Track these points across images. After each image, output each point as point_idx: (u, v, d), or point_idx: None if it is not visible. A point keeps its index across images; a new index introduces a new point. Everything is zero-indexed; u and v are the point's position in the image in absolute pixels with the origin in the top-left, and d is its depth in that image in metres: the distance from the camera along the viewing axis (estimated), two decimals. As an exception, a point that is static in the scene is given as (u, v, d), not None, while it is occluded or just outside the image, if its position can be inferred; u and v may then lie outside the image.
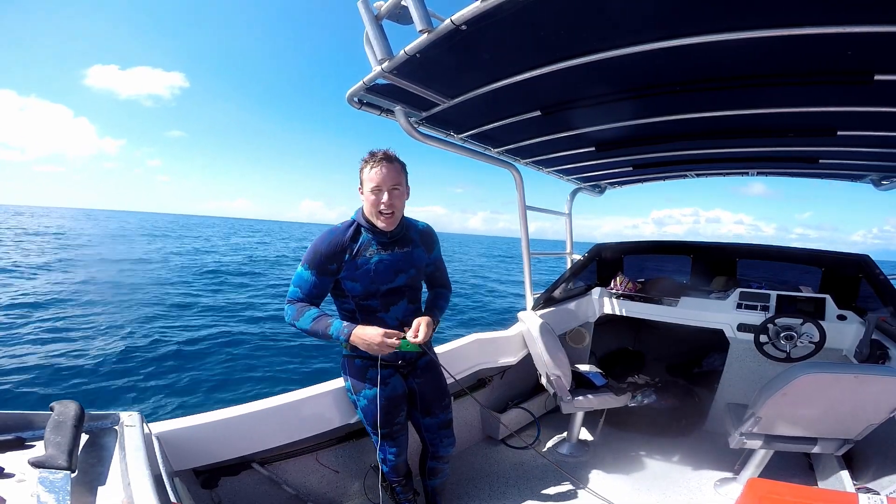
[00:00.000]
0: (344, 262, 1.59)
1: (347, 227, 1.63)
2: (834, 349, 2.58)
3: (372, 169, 1.55)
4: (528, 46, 1.35)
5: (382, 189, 1.54)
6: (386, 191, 1.55)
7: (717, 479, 2.29)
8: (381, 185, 1.54)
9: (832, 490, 1.87)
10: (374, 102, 1.84)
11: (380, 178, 1.53)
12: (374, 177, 1.54)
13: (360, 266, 1.60)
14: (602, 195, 3.90)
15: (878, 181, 2.80)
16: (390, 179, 1.55)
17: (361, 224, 1.63)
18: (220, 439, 1.58)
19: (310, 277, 1.58)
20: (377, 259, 1.61)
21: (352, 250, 1.59)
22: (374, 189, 1.54)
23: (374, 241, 1.62)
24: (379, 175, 1.53)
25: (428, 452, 1.87)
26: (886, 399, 1.64)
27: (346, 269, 1.59)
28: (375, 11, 1.28)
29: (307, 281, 1.58)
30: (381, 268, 1.62)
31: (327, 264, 1.58)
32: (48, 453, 0.83)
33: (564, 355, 2.41)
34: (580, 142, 2.43)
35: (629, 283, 3.39)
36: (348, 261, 1.59)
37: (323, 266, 1.57)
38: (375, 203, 1.56)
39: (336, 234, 1.60)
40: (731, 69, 1.43)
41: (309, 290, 1.59)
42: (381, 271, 1.62)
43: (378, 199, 1.55)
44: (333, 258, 1.58)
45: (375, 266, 1.61)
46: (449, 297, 1.90)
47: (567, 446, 2.60)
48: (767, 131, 2.06)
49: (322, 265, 1.57)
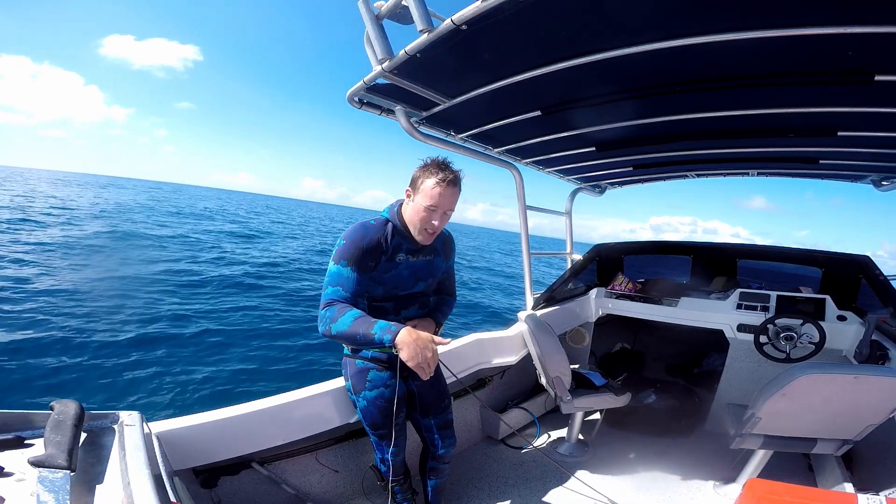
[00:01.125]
0: (380, 262, 1.54)
1: (383, 224, 1.57)
2: (834, 350, 2.58)
3: (437, 187, 1.47)
4: (528, 46, 1.35)
5: (438, 210, 1.50)
6: (440, 213, 1.51)
7: (716, 480, 2.29)
8: (439, 206, 1.49)
9: (832, 491, 1.87)
10: (375, 102, 1.84)
11: (441, 199, 1.48)
12: (436, 196, 1.47)
13: (389, 269, 1.56)
14: (602, 195, 3.90)
15: (878, 181, 2.80)
16: (448, 203, 1.50)
17: (396, 225, 1.58)
18: (220, 439, 1.58)
19: (351, 274, 1.48)
20: (405, 265, 1.59)
21: (387, 250, 1.55)
22: (430, 207, 1.49)
23: (404, 246, 1.59)
24: (441, 197, 1.48)
25: (429, 452, 1.87)
26: (886, 399, 1.64)
27: (378, 269, 1.55)
28: (376, 11, 1.28)
29: (348, 278, 1.48)
30: (406, 274, 1.60)
31: (368, 261, 1.51)
32: (48, 452, 0.83)
33: (564, 355, 2.41)
34: (580, 142, 2.43)
35: (629, 283, 3.39)
36: (383, 262, 1.55)
37: (364, 263, 1.50)
38: (425, 220, 1.51)
39: (376, 232, 1.54)
40: (731, 69, 1.43)
41: (353, 287, 1.48)
42: (405, 277, 1.60)
43: (430, 217, 1.51)
44: (373, 255, 1.52)
45: (401, 272, 1.59)
46: (453, 306, 1.88)
47: (567, 446, 2.60)
48: (768, 131, 2.06)
49: (363, 262, 1.50)
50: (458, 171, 1.53)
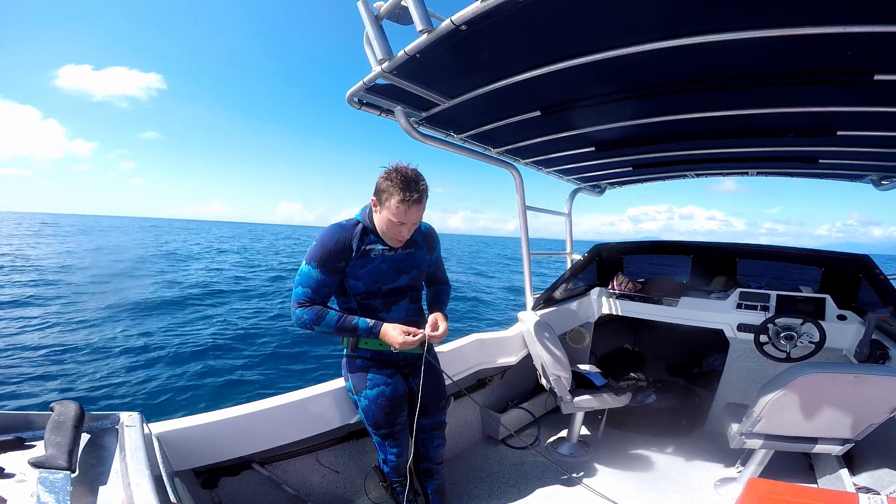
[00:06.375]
0: (351, 259, 1.58)
1: (353, 225, 1.62)
2: (834, 349, 2.58)
3: (401, 204, 1.47)
4: (528, 46, 1.35)
5: (406, 224, 1.53)
6: (408, 226, 1.54)
7: (717, 479, 2.29)
8: (406, 221, 1.52)
9: (832, 490, 1.87)
10: (374, 102, 1.84)
11: (407, 216, 1.51)
12: (401, 215, 1.49)
13: (364, 265, 1.59)
14: (602, 195, 3.90)
15: (878, 181, 2.80)
16: (416, 217, 1.53)
17: (367, 227, 1.62)
18: (221, 439, 1.58)
19: (319, 276, 1.55)
20: (381, 259, 1.61)
21: (358, 248, 1.59)
22: (397, 223, 1.52)
23: (379, 242, 1.62)
24: (408, 214, 1.50)
25: (419, 453, 1.87)
26: (886, 399, 1.64)
27: (351, 266, 1.59)
28: (375, 11, 1.28)
29: (316, 280, 1.55)
30: (385, 268, 1.62)
31: (336, 262, 1.56)
32: (48, 453, 0.83)
33: (564, 355, 2.41)
34: (580, 142, 2.43)
35: (629, 283, 3.39)
36: (354, 258, 1.58)
37: (332, 264, 1.56)
38: (393, 231, 1.55)
39: (344, 231, 1.59)
40: (732, 69, 1.43)
41: (319, 288, 1.56)
42: (385, 271, 1.62)
43: (397, 230, 1.54)
44: (342, 255, 1.57)
45: (379, 266, 1.61)
46: (449, 293, 1.92)
47: (567, 446, 2.60)
48: (767, 131, 2.06)
49: (331, 263, 1.56)
50: (423, 185, 1.51)
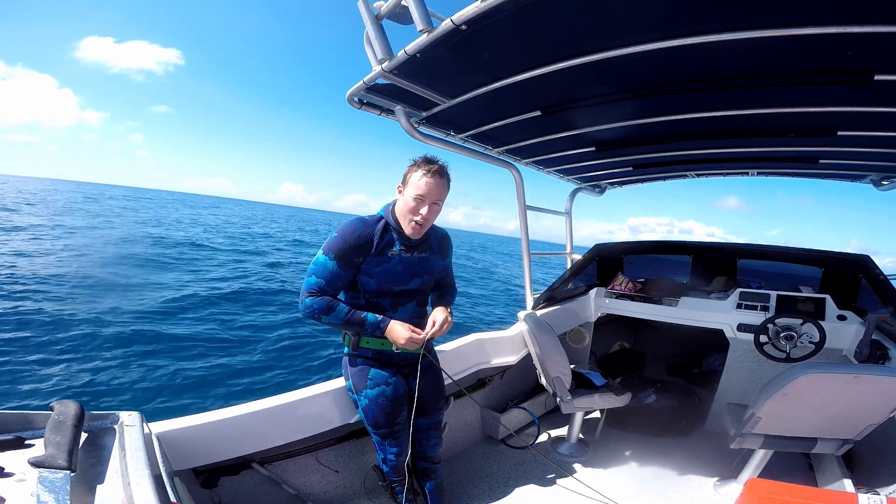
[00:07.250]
0: (369, 255, 1.59)
1: (376, 221, 1.63)
2: (834, 349, 2.58)
3: (423, 178, 1.55)
4: (528, 46, 1.35)
5: (425, 200, 1.56)
6: (428, 203, 1.56)
7: (716, 479, 2.28)
8: (426, 195, 1.55)
9: (832, 490, 1.86)
10: (375, 102, 1.85)
11: (427, 189, 1.54)
12: (423, 186, 1.54)
13: (380, 263, 1.61)
14: (602, 195, 3.90)
15: (878, 181, 2.80)
16: (436, 194, 1.57)
17: (390, 223, 1.63)
18: (220, 439, 1.58)
19: (335, 268, 1.55)
20: (397, 259, 1.63)
21: (377, 246, 1.60)
22: (418, 197, 1.55)
23: (398, 242, 1.64)
24: (427, 186, 1.54)
25: (416, 453, 1.88)
26: (886, 399, 1.64)
27: (367, 263, 1.60)
28: (376, 11, 1.29)
29: (331, 271, 1.55)
30: (400, 269, 1.64)
31: (354, 256, 1.57)
32: (48, 453, 0.83)
33: (564, 355, 2.41)
34: (580, 142, 2.43)
35: (629, 283, 3.39)
36: (372, 255, 1.59)
37: (350, 258, 1.56)
38: (413, 210, 1.57)
39: (366, 227, 1.60)
40: (732, 69, 1.43)
41: (333, 280, 1.56)
42: (399, 272, 1.64)
43: (417, 207, 1.56)
44: (361, 251, 1.57)
45: (394, 266, 1.62)
46: (455, 295, 1.93)
47: (567, 446, 2.60)
48: (767, 131, 2.06)
49: (349, 257, 1.56)
50: (445, 164, 1.61)
